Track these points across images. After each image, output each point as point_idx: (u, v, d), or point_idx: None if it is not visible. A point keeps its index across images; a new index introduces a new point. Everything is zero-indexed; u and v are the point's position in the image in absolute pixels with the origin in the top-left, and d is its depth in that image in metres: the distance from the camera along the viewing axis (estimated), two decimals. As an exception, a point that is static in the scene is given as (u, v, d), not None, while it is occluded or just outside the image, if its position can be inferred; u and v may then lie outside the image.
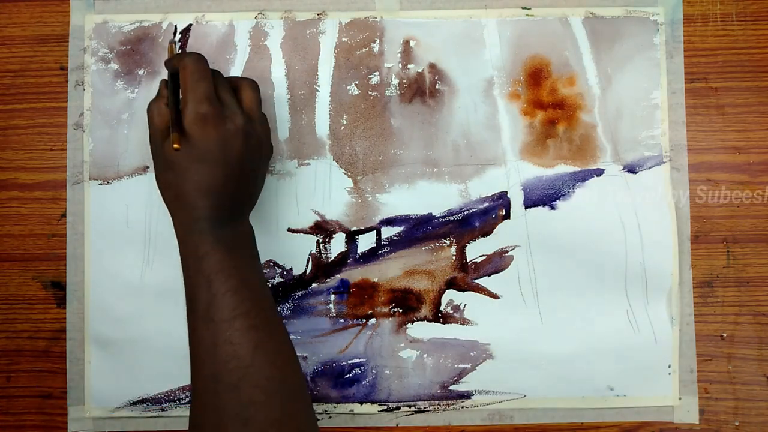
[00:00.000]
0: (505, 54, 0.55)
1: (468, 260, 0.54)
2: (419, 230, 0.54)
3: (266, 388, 0.40)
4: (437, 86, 0.54)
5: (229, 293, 0.41)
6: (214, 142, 0.42)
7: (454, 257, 0.54)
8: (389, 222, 0.54)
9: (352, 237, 0.54)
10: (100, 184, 0.54)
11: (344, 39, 0.55)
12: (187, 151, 0.42)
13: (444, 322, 0.54)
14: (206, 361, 0.41)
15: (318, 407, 0.53)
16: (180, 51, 0.52)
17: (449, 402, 0.53)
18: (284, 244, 0.54)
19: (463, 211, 0.54)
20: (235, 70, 0.54)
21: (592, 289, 0.53)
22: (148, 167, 0.54)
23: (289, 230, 0.54)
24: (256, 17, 0.55)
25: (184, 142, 0.41)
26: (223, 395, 0.40)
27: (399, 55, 0.55)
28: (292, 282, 0.54)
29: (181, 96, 0.43)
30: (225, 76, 0.46)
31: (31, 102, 0.55)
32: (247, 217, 0.46)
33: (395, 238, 0.54)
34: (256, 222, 0.53)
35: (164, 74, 0.54)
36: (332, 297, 0.54)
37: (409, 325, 0.54)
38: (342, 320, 0.54)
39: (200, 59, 0.43)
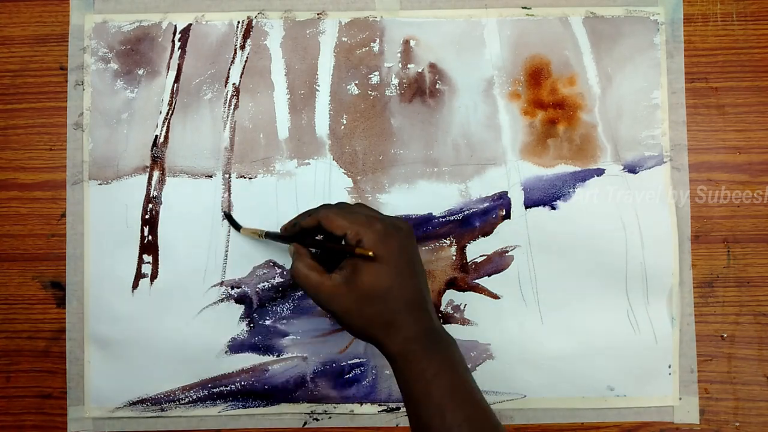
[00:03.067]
0: (506, 54, 0.55)
1: (468, 260, 0.54)
2: (419, 230, 0.54)
3: None
4: (437, 86, 0.54)
5: (465, 425, 0.40)
6: (402, 255, 0.42)
7: (454, 257, 0.54)
8: (389, 222, 0.54)
9: (352, 237, 0.54)
10: (100, 184, 0.54)
11: (344, 39, 0.55)
12: (378, 275, 0.41)
13: (444, 322, 0.54)
14: None
15: (318, 407, 0.53)
16: (265, 231, 0.51)
17: (449, 402, 0.53)
18: (284, 244, 0.54)
19: (464, 211, 0.54)
20: (235, 70, 0.54)
21: (592, 289, 0.53)
22: (147, 167, 0.54)
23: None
24: (256, 17, 0.55)
25: (374, 267, 0.41)
26: None
27: (399, 54, 0.54)
28: (292, 282, 0.54)
29: (344, 231, 0.43)
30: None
31: (31, 102, 0.55)
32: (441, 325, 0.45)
33: (395, 238, 0.54)
34: (257, 222, 0.53)
35: (164, 74, 0.54)
36: (332, 297, 0.54)
37: (409, 325, 0.54)
38: (342, 320, 0.54)
39: (328, 207, 0.45)
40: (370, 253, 0.41)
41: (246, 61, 0.54)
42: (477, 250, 0.54)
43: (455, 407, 0.40)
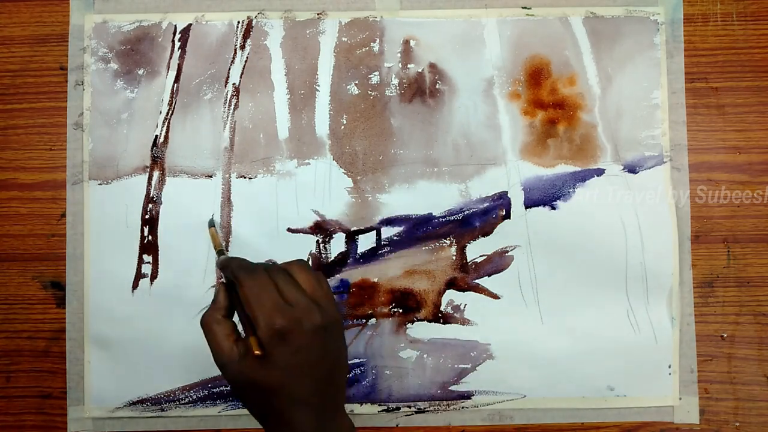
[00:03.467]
0: (506, 54, 0.55)
1: (468, 260, 0.54)
2: (419, 230, 0.54)
3: None
4: (437, 86, 0.54)
5: None
6: (299, 354, 0.39)
7: (454, 257, 0.54)
8: (389, 222, 0.54)
9: (352, 237, 0.54)
10: (100, 184, 0.54)
11: (344, 39, 0.55)
12: (269, 370, 0.38)
13: (444, 323, 0.54)
14: None
15: (318, 407, 0.53)
16: (222, 249, 0.49)
17: (449, 402, 0.53)
18: (284, 244, 0.54)
19: (464, 211, 0.54)
20: (235, 70, 0.54)
21: (592, 289, 0.53)
22: (147, 167, 0.54)
23: (289, 230, 0.54)
24: (256, 17, 0.55)
25: (264, 363, 0.38)
26: None
27: (399, 54, 0.54)
28: (292, 282, 0.54)
29: (245, 307, 0.40)
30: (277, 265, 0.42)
31: (31, 102, 0.55)
32: (343, 407, 0.43)
33: (395, 238, 0.54)
34: (257, 222, 0.53)
35: (164, 74, 0.54)
36: (332, 297, 0.54)
37: (409, 325, 0.54)
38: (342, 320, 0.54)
39: (253, 270, 0.40)
40: (256, 352, 0.38)
41: (246, 61, 0.54)
42: (477, 250, 0.54)
43: None
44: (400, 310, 0.54)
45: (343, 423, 0.42)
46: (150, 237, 0.53)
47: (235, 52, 0.54)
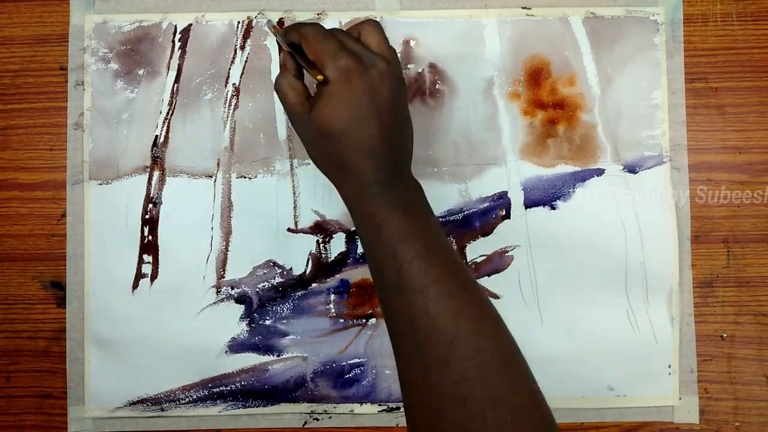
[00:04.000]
0: (505, 54, 0.55)
1: (468, 260, 0.54)
2: (419, 230, 0.54)
3: (477, 360, 0.36)
4: (437, 86, 0.54)
5: (417, 260, 0.37)
6: (364, 95, 0.39)
7: (454, 257, 0.54)
8: (389, 222, 0.54)
9: (352, 237, 0.54)
10: (100, 184, 0.54)
11: (344, 39, 0.55)
12: (335, 112, 0.39)
13: (444, 322, 0.54)
14: (407, 337, 0.38)
15: (318, 407, 0.53)
16: (279, 28, 0.48)
17: (449, 402, 0.53)
18: (284, 244, 0.54)
19: (463, 211, 0.54)
20: (235, 70, 0.54)
21: (592, 289, 0.53)
22: (147, 167, 0.54)
23: (289, 230, 0.54)
24: (256, 17, 0.55)
25: (331, 104, 0.39)
26: (432, 372, 0.36)
27: (399, 54, 0.54)
28: (292, 282, 0.54)
29: (310, 57, 0.41)
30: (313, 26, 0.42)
31: (31, 102, 0.55)
32: (410, 170, 0.43)
33: (395, 238, 0.54)
34: (257, 222, 0.53)
35: (164, 74, 0.54)
36: (332, 297, 0.54)
37: (409, 325, 0.54)
38: (342, 320, 0.54)
39: (316, 24, 0.41)
40: (318, 78, 0.39)
41: (246, 61, 0.54)
42: (477, 250, 0.54)
43: (407, 244, 0.38)
44: (400, 310, 0.54)
45: (409, 181, 0.41)
46: (150, 237, 0.54)
47: (235, 52, 0.54)
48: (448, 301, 0.37)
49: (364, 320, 0.54)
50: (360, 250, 0.54)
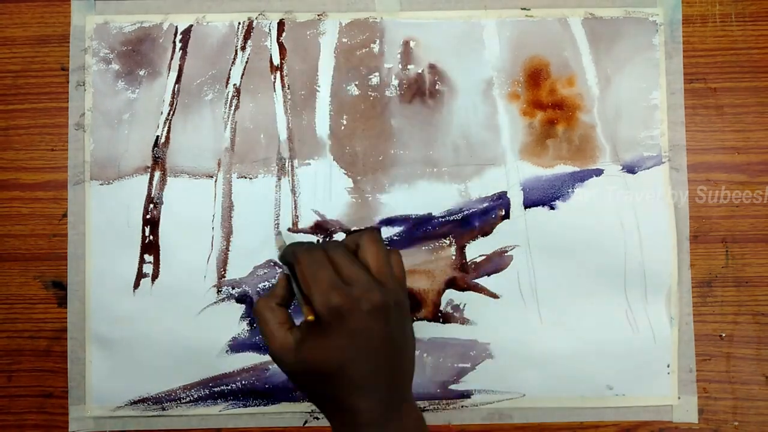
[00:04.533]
0: (505, 54, 0.55)
1: (468, 260, 0.54)
2: (419, 230, 0.54)
3: None
4: (437, 86, 0.55)
5: None
6: (357, 335, 0.36)
7: (453, 257, 0.54)
8: (389, 222, 0.54)
9: (352, 237, 0.54)
10: (101, 184, 0.54)
11: (344, 39, 0.55)
12: (327, 352, 0.36)
13: (444, 322, 0.54)
14: None
15: (318, 407, 0.53)
16: (284, 244, 0.45)
17: (449, 401, 0.54)
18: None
19: (463, 211, 0.54)
20: (236, 71, 0.54)
21: (591, 289, 0.54)
22: (148, 167, 0.54)
23: (290, 230, 0.54)
24: (256, 18, 0.55)
25: (321, 345, 0.37)
26: None
27: (399, 55, 0.55)
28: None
29: (304, 292, 0.38)
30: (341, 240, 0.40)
31: (33, 102, 0.55)
32: (411, 396, 0.40)
33: (395, 238, 0.54)
34: (257, 222, 0.54)
35: (165, 75, 0.54)
36: (332, 297, 0.54)
37: (409, 324, 0.54)
38: (342, 320, 0.54)
39: (311, 248, 0.39)
40: (309, 318, 0.37)
41: (247, 62, 0.55)
42: (476, 250, 0.54)
43: None
44: (400, 310, 0.54)
45: (410, 413, 0.39)
46: (151, 237, 0.54)
47: (236, 53, 0.55)
48: None
49: (364, 320, 0.54)
50: (360, 250, 0.54)
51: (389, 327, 0.38)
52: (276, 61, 0.55)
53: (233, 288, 0.54)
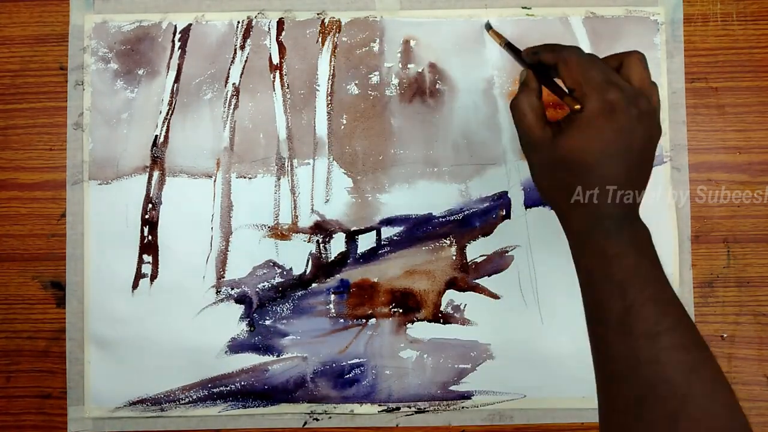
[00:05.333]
0: (505, 54, 0.54)
1: (468, 260, 0.54)
2: (419, 230, 0.54)
3: (711, 427, 0.34)
4: (437, 86, 0.54)
5: (649, 303, 0.35)
6: (621, 132, 0.37)
7: (454, 257, 0.54)
8: (389, 222, 0.54)
9: (352, 237, 0.54)
10: (100, 184, 0.54)
11: (344, 38, 0.55)
12: (588, 144, 0.37)
13: (444, 323, 0.54)
14: (627, 379, 0.35)
15: (318, 407, 0.53)
16: (509, 42, 0.46)
17: (449, 402, 0.53)
18: (284, 244, 0.54)
19: (464, 211, 0.54)
20: (235, 70, 0.54)
21: (592, 289, 0.53)
22: (147, 167, 0.54)
23: (289, 230, 0.54)
24: (256, 17, 0.55)
25: (586, 135, 0.37)
26: (653, 423, 0.34)
27: (399, 54, 0.54)
28: (292, 282, 0.54)
29: (569, 82, 0.39)
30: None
31: (31, 102, 0.55)
32: (638, 210, 0.40)
33: (395, 238, 0.54)
34: (257, 222, 0.53)
35: (164, 74, 0.54)
36: (332, 297, 0.54)
37: (409, 325, 0.54)
38: (342, 320, 0.54)
39: (578, 49, 0.39)
40: (576, 107, 0.37)
41: (246, 61, 0.54)
42: (477, 250, 0.54)
43: (640, 284, 0.36)
44: (400, 310, 0.54)
45: (639, 222, 0.39)
46: (150, 237, 0.54)
47: (235, 52, 0.54)
48: (682, 354, 0.35)
49: (364, 320, 0.54)
50: (360, 250, 0.54)
51: (650, 135, 0.38)
52: (275, 60, 0.54)
53: (232, 288, 0.53)
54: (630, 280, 0.36)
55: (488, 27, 0.49)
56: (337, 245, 0.54)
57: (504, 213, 0.54)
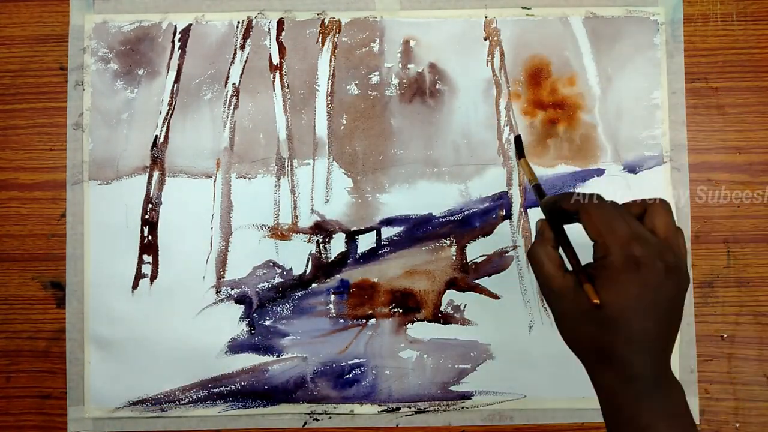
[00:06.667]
0: (505, 53, 0.54)
1: (468, 260, 0.54)
2: (419, 230, 0.54)
3: None
4: (437, 86, 0.54)
5: None
6: (648, 287, 0.36)
7: (454, 257, 0.54)
8: (389, 222, 0.54)
9: (352, 237, 0.54)
10: (100, 184, 0.54)
11: (344, 39, 0.55)
12: (615, 300, 0.36)
13: (444, 323, 0.54)
14: None
15: (318, 407, 0.53)
16: (538, 182, 0.46)
17: (449, 402, 0.53)
18: (284, 244, 0.54)
19: (464, 211, 0.54)
20: (235, 70, 0.54)
21: (592, 290, 0.53)
22: (147, 167, 0.54)
23: (289, 230, 0.54)
24: (256, 17, 0.55)
25: (610, 289, 0.36)
26: None
27: (399, 54, 0.54)
28: (292, 282, 0.54)
29: (593, 235, 0.38)
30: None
31: (31, 102, 0.55)
32: (670, 364, 0.39)
33: (395, 238, 0.54)
34: (257, 222, 0.53)
35: (164, 74, 0.54)
36: (332, 297, 0.54)
37: (409, 325, 0.54)
38: (342, 320, 0.54)
39: (600, 198, 0.39)
40: (595, 301, 0.36)
41: (246, 62, 0.54)
42: (477, 250, 0.54)
43: None
44: (400, 310, 0.54)
45: (672, 380, 0.37)
46: (150, 237, 0.53)
47: (235, 53, 0.54)
48: None
49: (364, 320, 0.54)
50: (360, 250, 0.54)
51: (677, 290, 0.37)
52: (275, 60, 0.54)
53: (232, 288, 0.53)
54: None
55: (520, 156, 0.49)
56: (337, 245, 0.54)
57: (504, 213, 0.54)
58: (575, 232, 0.39)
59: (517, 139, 0.51)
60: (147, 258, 0.53)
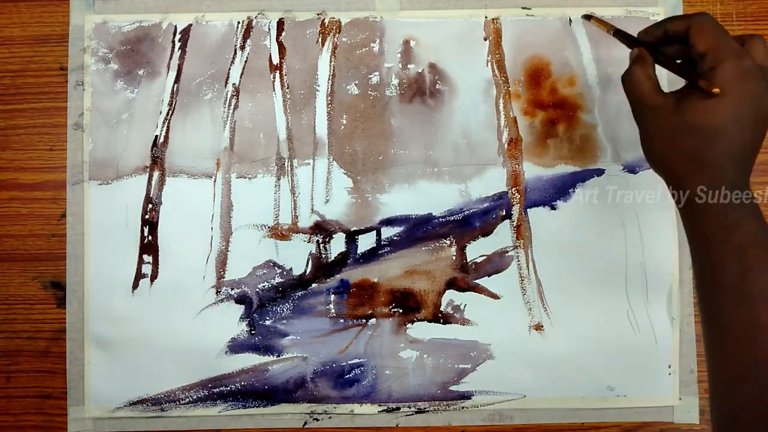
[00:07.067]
0: (505, 54, 0.55)
1: (468, 260, 0.54)
2: (419, 230, 0.54)
3: None
4: (437, 86, 0.54)
5: None
6: (753, 99, 0.37)
7: (454, 257, 0.54)
8: (389, 222, 0.54)
9: (352, 237, 0.54)
10: (100, 184, 0.54)
11: (344, 39, 0.55)
12: (721, 111, 0.37)
13: (444, 323, 0.54)
14: (741, 348, 0.36)
15: (318, 407, 0.53)
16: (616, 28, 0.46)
17: (449, 402, 0.53)
18: (284, 245, 0.54)
19: (464, 211, 0.54)
20: (235, 70, 0.54)
21: (592, 289, 0.53)
22: (147, 167, 0.54)
23: (289, 230, 0.54)
24: (256, 17, 0.55)
25: (718, 100, 0.37)
26: None
27: (399, 54, 0.55)
28: (292, 282, 0.54)
29: (700, 48, 0.39)
30: None
31: (31, 102, 0.55)
32: None
33: (395, 238, 0.54)
34: (257, 222, 0.53)
35: (164, 74, 0.54)
36: (332, 297, 0.54)
37: (409, 325, 0.54)
38: (342, 320, 0.54)
39: (710, 16, 0.40)
40: (715, 90, 0.37)
41: (246, 62, 0.54)
42: (477, 250, 0.54)
43: (759, 249, 0.36)
44: (400, 311, 0.54)
45: (752, 195, 0.39)
46: (150, 237, 0.54)
47: (235, 53, 0.54)
48: None
49: (364, 320, 0.54)
50: (360, 250, 0.54)
51: None
52: (275, 60, 0.54)
53: (232, 288, 0.53)
54: (750, 246, 0.36)
55: (588, 17, 0.48)
56: (337, 245, 0.54)
57: (504, 213, 0.54)
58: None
59: (585, 16, 0.50)
60: (147, 258, 0.53)
